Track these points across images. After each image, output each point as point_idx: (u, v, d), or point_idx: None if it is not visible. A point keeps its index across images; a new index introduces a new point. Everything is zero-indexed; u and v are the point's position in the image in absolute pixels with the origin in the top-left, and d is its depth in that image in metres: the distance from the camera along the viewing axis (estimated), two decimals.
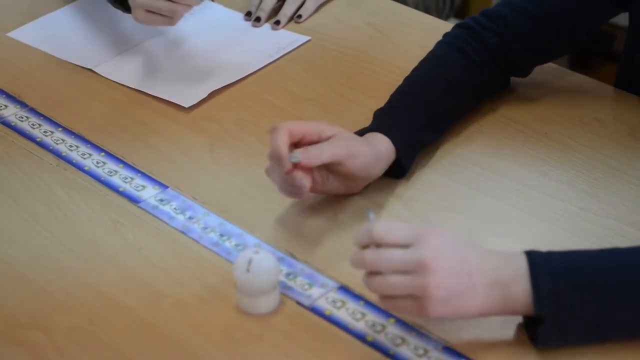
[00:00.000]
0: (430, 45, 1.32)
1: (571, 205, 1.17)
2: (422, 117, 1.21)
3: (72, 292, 1.06)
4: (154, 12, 1.34)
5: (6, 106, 1.35)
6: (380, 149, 1.14)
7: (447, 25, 1.58)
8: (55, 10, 1.57)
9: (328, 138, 1.10)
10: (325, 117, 1.33)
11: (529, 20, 1.28)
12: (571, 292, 0.95)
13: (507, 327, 1.00)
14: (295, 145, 1.09)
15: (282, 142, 1.06)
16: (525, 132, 1.30)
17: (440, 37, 1.33)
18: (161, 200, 1.19)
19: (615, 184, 1.20)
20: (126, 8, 1.43)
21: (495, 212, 1.18)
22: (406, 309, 0.95)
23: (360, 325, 1.01)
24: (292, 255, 1.11)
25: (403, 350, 0.99)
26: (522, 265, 0.95)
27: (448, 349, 0.99)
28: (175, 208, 1.18)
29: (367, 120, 1.22)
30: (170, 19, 1.35)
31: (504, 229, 1.14)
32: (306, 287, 1.07)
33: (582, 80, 1.41)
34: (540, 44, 1.29)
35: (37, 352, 0.99)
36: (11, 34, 1.52)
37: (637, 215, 1.04)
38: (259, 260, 1.01)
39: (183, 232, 1.14)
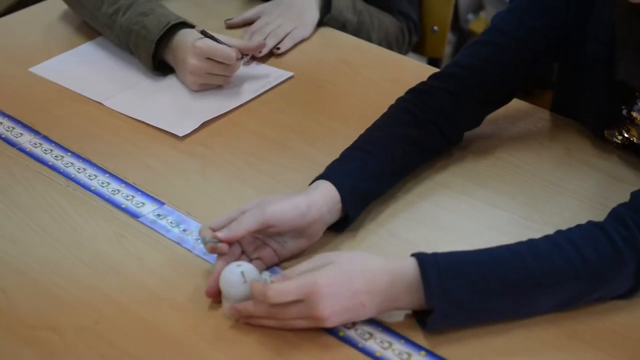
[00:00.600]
0: (392, 77, 1.34)
1: (515, 215, 1.18)
2: (369, 168, 1.17)
3: (80, 296, 1.06)
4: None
5: (22, 134, 1.35)
6: (316, 198, 1.09)
7: (405, 59, 1.62)
8: (71, 50, 1.57)
9: (248, 206, 1.07)
10: (303, 141, 1.33)
11: (476, 75, 1.26)
12: (456, 287, 0.98)
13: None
14: None
15: (207, 228, 1.06)
16: (474, 153, 1.31)
17: (400, 70, 1.35)
18: (159, 215, 1.20)
19: (554, 196, 1.22)
20: (164, 72, 1.49)
21: (450, 223, 1.19)
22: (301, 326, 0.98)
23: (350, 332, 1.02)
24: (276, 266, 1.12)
25: (371, 344, 1.00)
26: (413, 273, 0.98)
27: (409, 342, 1.00)
28: (171, 222, 1.18)
29: (340, 143, 1.22)
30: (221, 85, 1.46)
31: (458, 237, 1.15)
32: None
33: (523, 106, 1.42)
34: (488, 94, 1.28)
35: (48, 349, 0.99)
36: (33, 69, 1.51)
37: (572, 223, 1.05)
38: (250, 270, 1.01)
39: (178, 243, 1.14)
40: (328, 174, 1.14)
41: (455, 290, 0.98)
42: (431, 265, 0.98)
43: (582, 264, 1.00)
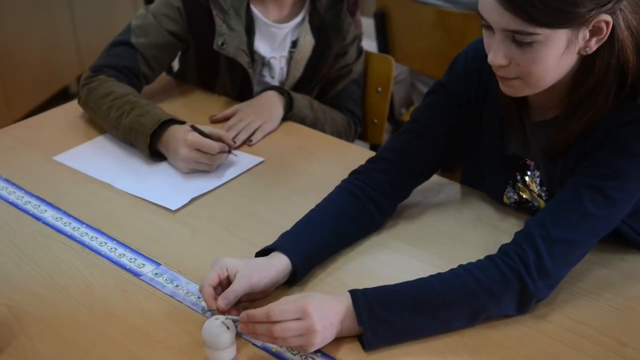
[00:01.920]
0: (341, 160, 1.34)
1: (441, 270, 1.15)
2: (317, 241, 1.18)
3: (93, 340, 1.05)
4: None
5: (46, 210, 1.35)
6: (280, 268, 1.11)
7: (352, 146, 1.63)
8: (86, 142, 1.57)
9: (232, 269, 1.08)
10: (271, 212, 1.33)
11: (401, 156, 1.28)
12: (381, 312, 1.01)
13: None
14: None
15: (210, 297, 1.06)
16: (407, 219, 1.32)
17: (348, 155, 1.35)
18: (156, 274, 1.19)
19: (470, 254, 1.19)
20: (159, 159, 1.49)
21: (389, 276, 1.16)
22: (294, 344, 0.99)
23: (295, 357, 1.02)
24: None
25: None
26: (348, 303, 1.02)
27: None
28: (166, 279, 1.18)
29: (299, 212, 1.23)
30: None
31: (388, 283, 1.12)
32: None
33: (442, 181, 1.42)
34: (411, 171, 1.29)
35: None
36: (56, 158, 1.51)
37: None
38: (227, 320, 1.01)
39: (172, 296, 1.14)
40: (284, 247, 1.14)
41: (379, 312, 1.01)
42: (360, 296, 1.02)
43: (477, 286, 1.04)
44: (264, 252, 1.15)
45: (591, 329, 1.07)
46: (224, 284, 1.08)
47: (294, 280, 1.15)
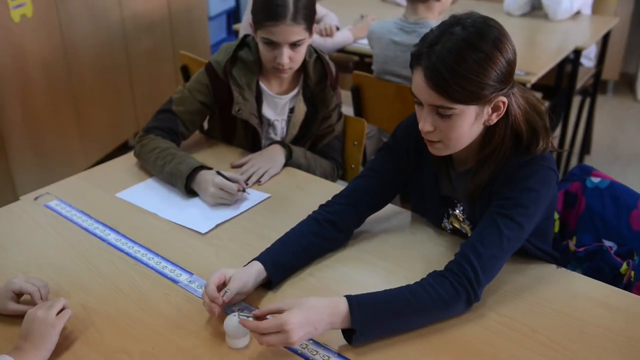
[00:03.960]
0: (327, 195, 1.33)
1: (401, 277, 1.19)
2: (284, 251, 1.18)
3: (143, 331, 1.06)
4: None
5: (109, 234, 1.35)
6: (255, 272, 1.12)
7: (335, 185, 1.60)
8: (140, 183, 1.56)
9: (229, 274, 1.09)
10: (275, 234, 1.29)
11: (358, 194, 1.28)
12: (369, 315, 1.00)
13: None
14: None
15: (214, 290, 1.06)
16: (370, 237, 1.32)
17: (331, 191, 1.34)
18: (190, 281, 1.19)
19: (423, 265, 1.22)
20: (195, 194, 1.48)
21: (362, 282, 1.19)
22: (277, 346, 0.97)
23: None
24: (257, 308, 1.12)
25: (317, 357, 1.00)
26: (344, 306, 0.99)
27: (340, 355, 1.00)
28: (197, 285, 1.18)
29: None
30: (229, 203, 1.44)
31: (366, 290, 1.12)
32: None
33: (400, 210, 1.42)
34: (365, 204, 1.28)
35: None
36: (118, 194, 1.50)
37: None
38: (242, 316, 1.02)
39: (201, 298, 1.12)
40: (259, 257, 1.16)
41: (370, 318, 1.00)
42: (355, 303, 1.00)
43: (437, 297, 1.04)
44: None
45: (511, 320, 1.08)
46: (220, 285, 1.09)
47: (271, 284, 1.15)
